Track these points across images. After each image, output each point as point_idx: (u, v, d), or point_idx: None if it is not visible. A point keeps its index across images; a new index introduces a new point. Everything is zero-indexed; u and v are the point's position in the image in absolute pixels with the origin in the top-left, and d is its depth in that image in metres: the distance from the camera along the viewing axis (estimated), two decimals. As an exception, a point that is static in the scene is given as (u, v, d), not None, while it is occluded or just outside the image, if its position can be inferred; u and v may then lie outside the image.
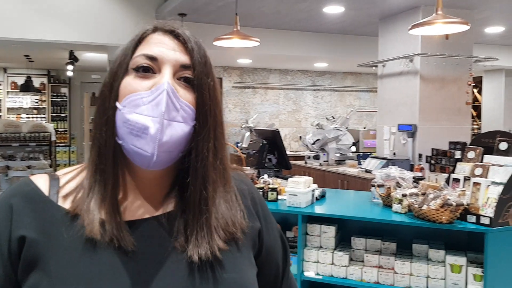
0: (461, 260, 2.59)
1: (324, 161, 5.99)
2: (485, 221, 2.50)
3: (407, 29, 4.08)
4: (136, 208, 0.80)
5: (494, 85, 9.92)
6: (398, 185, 2.97)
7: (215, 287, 0.77)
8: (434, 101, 5.60)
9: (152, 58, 0.77)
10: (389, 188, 2.98)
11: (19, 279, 0.75)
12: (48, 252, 0.74)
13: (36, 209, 0.77)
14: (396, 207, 2.81)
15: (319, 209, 2.97)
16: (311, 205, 3.01)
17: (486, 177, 2.64)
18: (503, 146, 2.69)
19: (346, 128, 6.75)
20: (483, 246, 2.48)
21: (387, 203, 2.96)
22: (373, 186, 3.13)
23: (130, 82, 0.76)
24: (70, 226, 0.76)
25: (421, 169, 4.41)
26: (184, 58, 0.78)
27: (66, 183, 0.81)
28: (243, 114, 9.69)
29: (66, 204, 0.78)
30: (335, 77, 10.55)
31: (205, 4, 5.73)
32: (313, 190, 3.08)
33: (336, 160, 6.08)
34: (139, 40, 0.80)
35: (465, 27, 3.57)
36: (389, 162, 4.93)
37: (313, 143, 6.03)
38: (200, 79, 0.78)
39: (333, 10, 5.87)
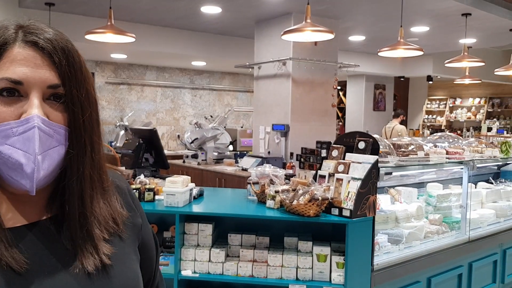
0: (326, 250, 2.81)
1: (203, 160, 6.04)
2: (346, 213, 2.75)
3: (280, 33, 4.30)
4: (18, 213, 0.77)
5: (356, 89, 10.89)
6: (272, 182, 3.12)
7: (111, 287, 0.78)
8: (304, 103, 5.99)
9: (17, 82, 0.72)
10: (264, 185, 3.11)
11: None
12: None
13: None
14: (269, 203, 2.95)
15: (196, 208, 3.00)
16: (189, 204, 3.02)
17: (347, 173, 2.90)
18: (361, 145, 2.99)
19: (224, 127, 6.88)
20: (345, 236, 2.72)
21: (262, 199, 3.09)
22: (249, 183, 3.25)
23: None
24: None
25: (292, 167, 4.69)
26: (51, 77, 0.74)
27: None
28: (118, 112, 9.31)
29: None
30: (213, 77, 10.67)
31: (76, -6, 5.40)
32: (191, 189, 3.09)
33: (214, 159, 6.17)
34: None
35: (330, 36, 3.89)
36: (264, 160, 5.16)
37: (192, 142, 6.04)
38: (70, 94, 0.75)
39: (211, 10, 5.93)
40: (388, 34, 7.20)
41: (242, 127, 9.64)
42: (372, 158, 2.86)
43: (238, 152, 6.91)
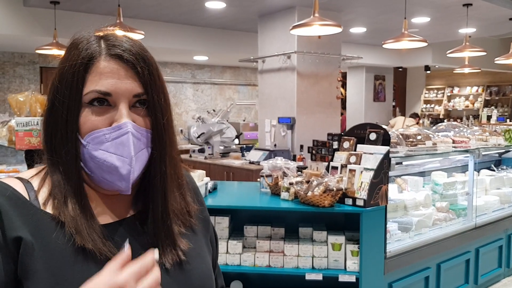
0: (341, 239, 2.90)
1: (209, 154, 6.11)
2: (360, 203, 2.84)
3: (284, 27, 4.37)
4: (107, 212, 0.84)
5: (356, 81, 10.96)
6: (285, 174, 3.20)
7: (187, 282, 0.85)
8: (309, 96, 6.06)
9: (106, 94, 0.79)
10: (277, 177, 3.20)
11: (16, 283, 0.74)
12: (42, 257, 0.74)
13: (22, 213, 0.76)
14: (284, 195, 3.03)
15: (212, 202, 3.08)
16: (205, 198, 3.10)
17: (359, 164, 2.99)
18: (373, 136, 3.07)
19: (227, 121, 6.94)
20: (359, 225, 2.81)
21: (275, 191, 3.18)
22: (262, 176, 3.32)
23: (88, 118, 0.79)
24: (58, 232, 0.77)
25: (302, 159, 4.77)
26: (136, 87, 0.80)
27: (39, 187, 0.81)
28: (122, 108, 9.35)
29: (48, 209, 0.79)
30: (214, 71, 10.72)
31: (81, -8, 5.44)
32: (206, 183, 3.17)
33: (220, 153, 6.25)
34: (86, 66, 0.79)
35: (338, 29, 3.95)
36: (271, 153, 5.24)
37: (198, 137, 6.11)
38: (153, 101, 0.82)
39: (215, 5, 5.98)
40: (389, 25, 7.27)
41: (244, 121, 9.71)
42: (384, 149, 2.94)
43: (244, 145, 6.98)
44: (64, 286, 0.74)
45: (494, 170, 4.90)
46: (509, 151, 5.09)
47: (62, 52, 5.40)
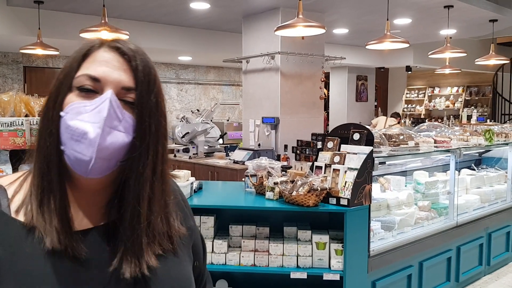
0: (325, 238, 2.93)
1: (194, 154, 6.10)
2: (344, 202, 2.87)
3: (268, 28, 4.39)
4: (80, 217, 0.82)
5: (339, 81, 11.05)
6: (269, 174, 3.22)
7: None
8: (293, 96, 6.10)
9: (94, 79, 0.78)
10: (261, 177, 3.21)
11: None
12: (12, 266, 0.74)
13: None
14: (269, 194, 3.05)
15: (198, 201, 3.08)
16: (190, 197, 3.10)
17: (343, 164, 3.02)
18: (356, 136, 3.11)
19: (211, 120, 6.94)
20: (343, 224, 2.85)
21: (260, 191, 3.19)
22: (246, 176, 3.33)
23: (73, 100, 0.78)
24: (27, 239, 0.76)
25: (287, 159, 4.80)
26: (127, 80, 0.79)
27: (14, 194, 0.81)
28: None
29: (20, 217, 0.78)
30: (198, 71, 10.70)
31: (64, -9, 5.38)
32: (192, 183, 3.17)
33: (204, 153, 6.24)
34: (84, 55, 0.80)
35: (322, 30, 3.99)
36: (255, 152, 5.26)
37: (183, 137, 6.09)
38: (141, 99, 0.79)
39: (199, 6, 5.98)
40: (371, 26, 7.35)
41: (228, 120, 9.71)
42: (367, 149, 2.98)
43: (228, 145, 6.99)
44: None
45: (474, 170, 5.01)
46: (489, 150, 5.21)
47: (46, 52, 5.35)
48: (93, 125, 0.74)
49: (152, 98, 0.81)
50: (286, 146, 5.09)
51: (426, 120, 11.79)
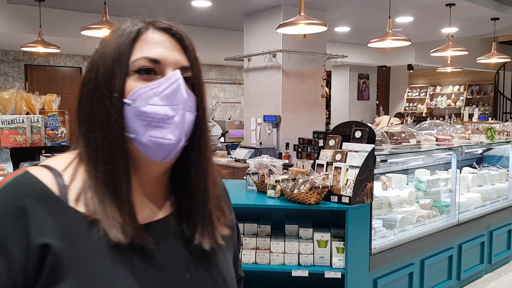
0: (326, 236, 2.92)
1: (195, 152, 6.10)
2: (346, 200, 2.87)
3: (270, 26, 4.38)
4: (143, 208, 0.80)
5: (340, 79, 11.04)
6: (271, 172, 3.22)
7: (220, 269, 0.85)
8: (295, 94, 6.09)
9: (154, 61, 0.76)
10: (263, 175, 3.21)
11: None
12: (76, 260, 0.70)
13: (51, 212, 0.71)
14: (270, 192, 3.05)
15: (199, 199, 3.08)
16: (192, 195, 3.10)
17: (345, 162, 3.02)
18: (358, 134, 3.11)
19: (212, 119, 6.94)
20: (344, 222, 2.84)
21: (261, 189, 3.19)
22: (248, 174, 3.33)
23: (135, 84, 0.75)
24: (90, 231, 0.72)
25: (288, 157, 4.80)
26: (183, 60, 0.79)
27: (70, 181, 0.76)
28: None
29: (80, 207, 0.74)
30: (200, 69, 10.68)
31: (65, -11, 5.38)
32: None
33: (206, 151, 6.24)
34: (134, 38, 0.77)
35: (323, 28, 3.98)
36: (257, 151, 5.26)
37: (184, 135, 6.10)
38: (197, 77, 0.81)
39: (201, 4, 5.97)
40: (373, 25, 7.34)
41: (229, 119, 9.70)
42: (369, 147, 2.98)
43: (229, 143, 6.98)
44: (108, 285, 0.71)
45: (476, 168, 5.00)
46: (491, 148, 5.20)
47: (47, 50, 5.35)
48: (174, 107, 0.74)
49: (202, 76, 0.83)
50: (287, 144, 5.09)
51: (428, 119, 11.77)
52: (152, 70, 0.76)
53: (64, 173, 0.76)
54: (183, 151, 0.79)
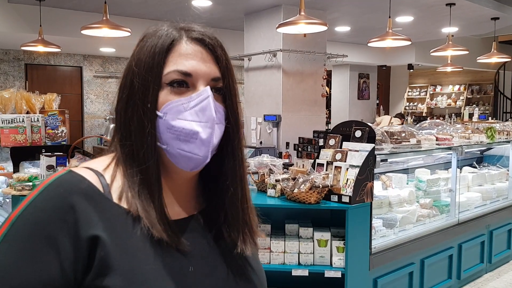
0: (326, 235, 2.92)
1: (195, 152, 6.11)
2: (346, 199, 2.87)
3: (270, 25, 4.38)
4: (175, 207, 0.83)
5: (341, 79, 11.04)
6: (271, 171, 3.22)
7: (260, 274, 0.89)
8: (295, 93, 6.09)
9: (186, 74, 0.78)
10: (263, 175, 3.21)
11: (86, 283, 0.71)
12: (123, 254, 0.72)
13: (98, 208, 0.74)
14: (270, 192, 3.05)
15: (199, 198, 3.08)
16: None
17: (345, 161, 3.02)
18: (358, 133, 3.11)
19: (213, 118, 6.93)
20: (345, 221, 2.84)
21: (262, 188, 3.19)
22: (248, 173, 3.34)
23: (167, 97, 0.78)
24: (134, 227, 0.75)
25: (288, 156, 4.80)
26: (215, 71, 0.81)
27: (112, 180, 0.79)
28: (107, 105, 9.28)
29: (123, 203, 0.77)
30: (199, 68, 10.68)
31: (66, -11, 5.38)
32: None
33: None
34: (168, 49, 0.79)
35: (324, 28, 3.98)
36: (257, 150, 5.26)
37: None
38: (228, 87, 0.82)
39: (201, 3, 5.97)
40: (373, 24, 7.33)
41: (230, 118, 9.70)
42: (369, 146, 2.98)
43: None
44: (144, 281, 0.72)
45: (476, 167, 5.00)
46: (491, 148, 5.20)
47: (47, 49, 5.35)
48: (201, 124, 0.77)
49: (235, 84, 0.84)
50: (287, 144, 5.09)
51: (428, 118, 11.77)
52: (184, 82, 0.79)
53: (104, 173, 0.80)
54: (215, 155, 0.82)
